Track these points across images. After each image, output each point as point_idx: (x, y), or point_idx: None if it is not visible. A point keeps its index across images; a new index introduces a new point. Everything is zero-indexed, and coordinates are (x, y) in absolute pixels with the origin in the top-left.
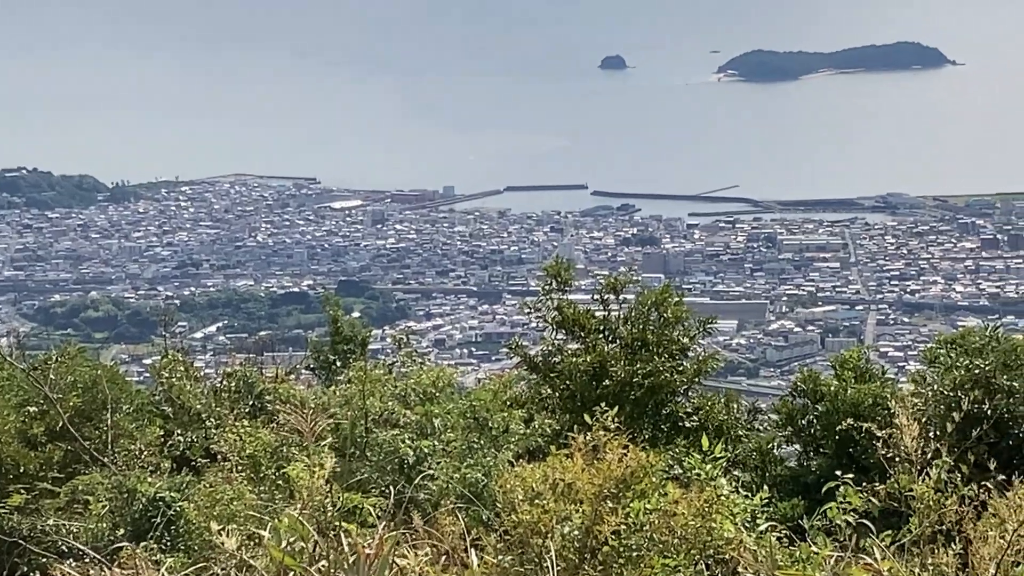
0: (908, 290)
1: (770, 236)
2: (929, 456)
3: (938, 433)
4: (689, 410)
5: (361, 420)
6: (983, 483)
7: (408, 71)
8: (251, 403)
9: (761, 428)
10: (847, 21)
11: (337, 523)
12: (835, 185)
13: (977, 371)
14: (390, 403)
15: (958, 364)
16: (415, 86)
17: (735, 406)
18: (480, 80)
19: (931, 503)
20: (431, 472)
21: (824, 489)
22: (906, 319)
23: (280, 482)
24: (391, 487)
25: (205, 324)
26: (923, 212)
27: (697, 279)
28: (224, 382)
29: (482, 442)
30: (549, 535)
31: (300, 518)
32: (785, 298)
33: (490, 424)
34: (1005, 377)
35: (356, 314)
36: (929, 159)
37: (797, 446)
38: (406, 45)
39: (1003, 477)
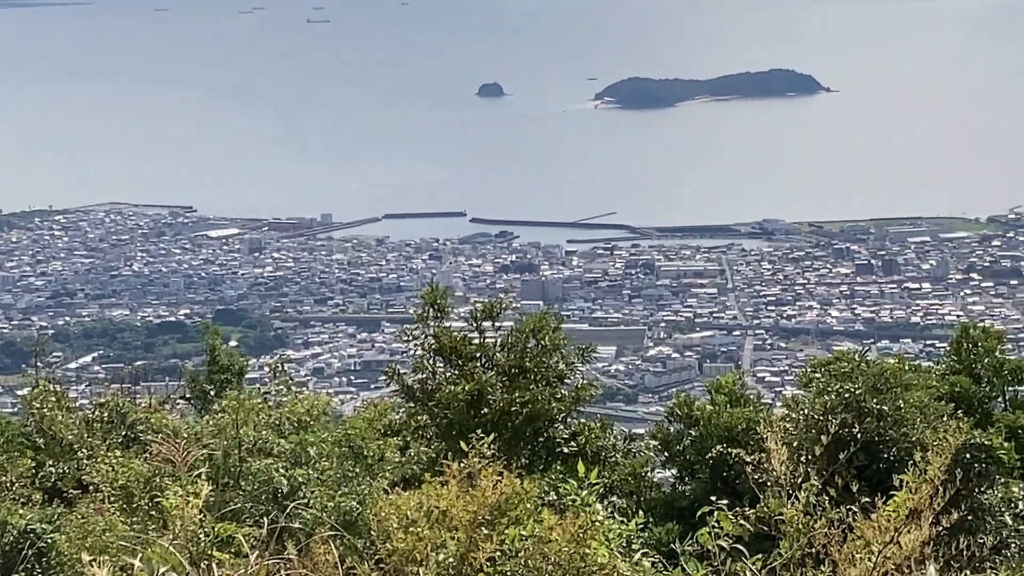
0: (784, 315)
1: (648, 262)
2: (799, 480)
3: (808, 457)
4: (567, 436)
5: (235, 449)
6: (850, 506)
7: (284, 99)
8: (124, 433)
9: (638, 453)
10: (722, 49)
11: (210, 553)
12: (712, 211)
13: (847, 395)
14: (264, 432)
15: (829, 388)
16: (291, 114)
17: (612, 432)
18: (357, 108)
19: (800, 526)
20: (305, 501)
21: (698, 514)
22: (783, 344)
23: (153, 512)
24: (265, 516)
25: (80, 354)
26: (799, 238)
27: (576, 305)
28: (97, 412)
29: (357, 470)
30: (424, 563)
31: (172, 549)
32: (663, 324)
33: (365, 452)
34: (875, 401)
35: (233, 343)
36: (804, 185)
37: (672, 471)
38: (281, 73)
39: (867, 499)
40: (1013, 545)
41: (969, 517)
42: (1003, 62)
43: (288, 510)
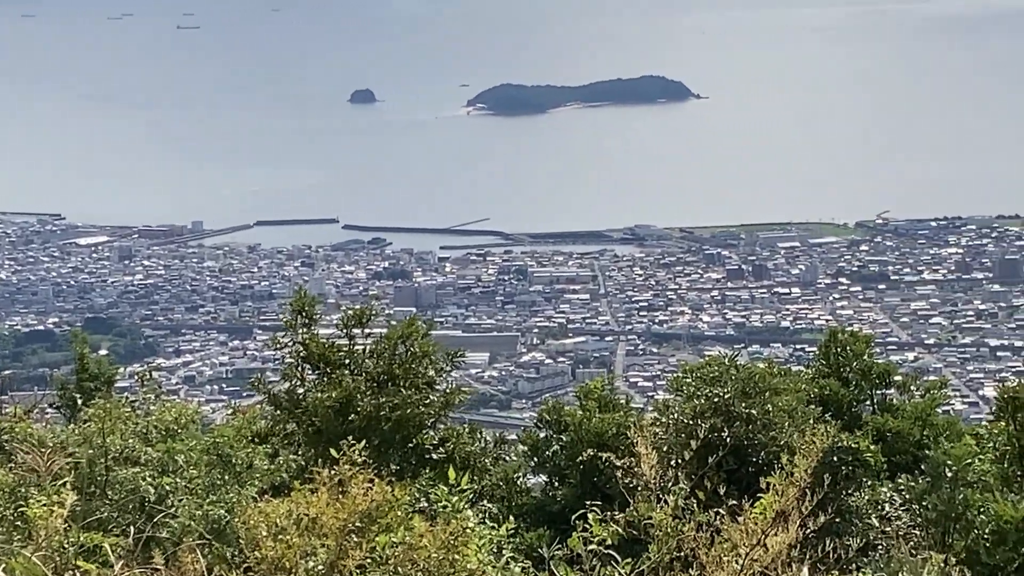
0: (656, 320)
1: (521, 268)
2: (668, 484)
3: (677, 461)
4: (436, 442)
5: (101, 458)
6: (718, 509)
7: (154, 106)
8: None
9: (509, 459)
10: (593, 55)
11: (75, 564)
12: (584, 217)
13: (717, 399)
14: (131, 440)
15: (699, 393)
16: (161, 121)
17: (482, 437)
18: (228, 115)
19: (669, 530)
20: (173, 510)
21: (572, 518)
22: (655, 349)
23: (18, 523)
24: (131, 526)
25: None
26: (670, 243)
27: (449, 312)
28: None
29: (226, 478)
30: (293, 571)
31: (36, 559)
32: (536, 330)
33: (233, 460)
34: (744, 405)
35: (103, 352)
36: (676, 191)
37: (543, 476)
38: (152, 79)
39: (735, 503)
40: (880, 547)
41: (836, 519)
42: (867, 69)
43: (155, 519)
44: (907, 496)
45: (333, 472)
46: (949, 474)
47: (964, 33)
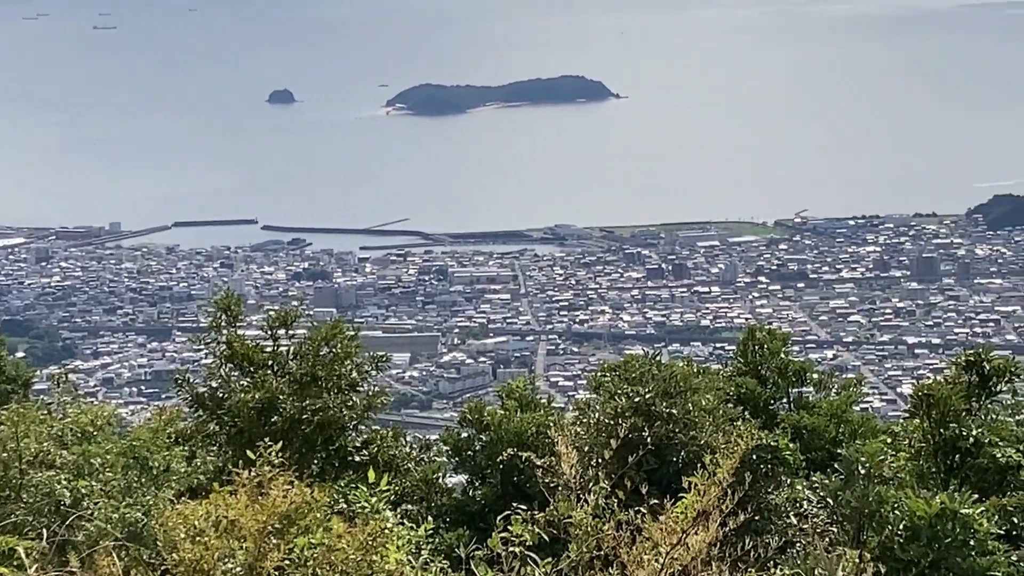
0: (577, 320)
1: (441, 269)
2: (589, 483)
3: (598, 460)
4: (358, 444)
5: (15, 462)
6: (638, 508)
7: (70, 107)
8: None
9: (430, 460)
10: (512, 56)
11: None
12: (504, 217)
13: (637, 399)
14: (46, 443)
15: (619, 392)
16: (77, 122)
17: (404, 439)
18: (145, 115)
19: (589, 529)
20: (89, 513)
21: (491, 518)
22: (575, 348)
23: None
24: (47, 529)
25: None
26: (590, 243)
27: (369, 312)
28: None
29: (143, 481)
30: (211, 573)
31: None
32: (457, 330)
33: (151, 463)
34: (664, 404)
35: (20, 354)
36: (596, 191)
37: (464, 476)
38: (68, 80)
39: (656, 502)
40: (798, 544)
41: (756, 517)
42: (786, 69)
43: (71, 522)
44: (822, 493)
45: (253, 474)
46: (863, 471)
47: (881, 33)
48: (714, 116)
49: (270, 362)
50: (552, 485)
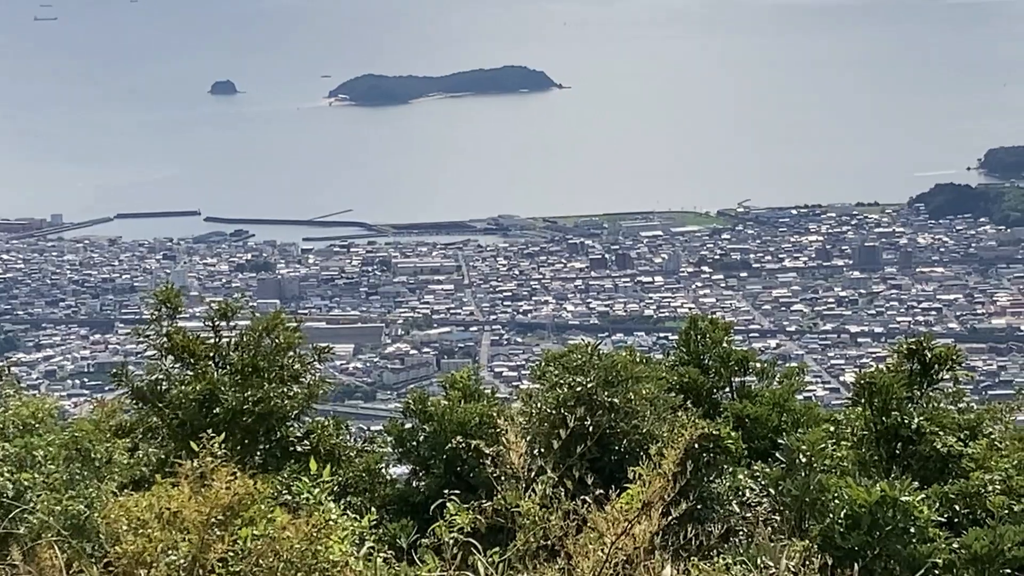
0: (521, 310)
1: (385, 260)
2: (535, 473)
3: (543, 450)
4: (300, 435)
5: None
6: (584, 498)
7: (10, 98)
8: None
9: (374, 450)
10: (455, 46)
11: None
12: (448, 208)
13: (580, 388)
14: None
15: (562, 382)
16: (18, 114)
17: (345, 428)
18: (86, 106)
19: (536, 518)
20: (31, 505)
21: (432, 508)
22: (519, 339)
23: None
24: None
25: None
26: (534, 233)
27: (313, 304)
28: None
29: (85, 473)
30: (154, 565)
31: None
32: (401, 321)
33: (93, 455)
34: (606, 394)
35: None
36: (539, 181)
37: (407, 467)
38: (7, 71)
39: (601, 492)
40: (741, 532)
41: (698, 506)
42: (727, 58)
43: (12, 515)
44: (763, 482)
45: (195, 465)
46: (803, 459)
47: (822, 23)
48: (656, 106)
49: (211, 354)
50: (497, 475)
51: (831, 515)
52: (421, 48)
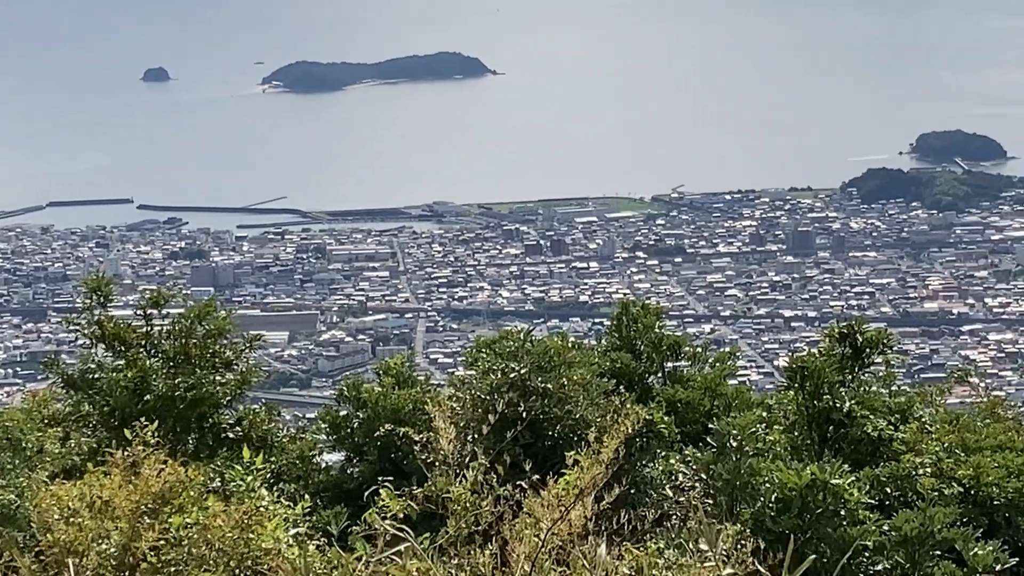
0: (456, 297)
1: (319, 247)
2: (466, 459)
3: (475, 435)
4: (232, 422)
5: None
6: (519, 483)
7: None
8: None
9: (306, 437)
10: (388, 32)
11: None
12: (383, 195)
13: (512, 374)
14: None
15: (495, 367)
16: None
17: (277, 416)
18: (15, 94)
19: (467, 504)
20: None
21: (366, 494)
22: (455, 325)
23: None
24: None
25: None
26: (469, 220)
27: (247, 291)
28: None
29: (16, 463)
30: (86, 554)
31: None
32: (336, 308)
33: (24, 444)
34: (540, 379)
35: None
36: (473, 167)
37: (341, 454)
38: None
39: (537, 477)
40: (674, 517)
41: (632, 491)
42: (661, 45)
43: None
44: (695, 467)
45: (126, 454)
46: (734, 444)
47: (754, 9)
48: (591, 92)
49: (143, 342)
50: (429, 461)
51: (762, 499)
52: (355, 35)
